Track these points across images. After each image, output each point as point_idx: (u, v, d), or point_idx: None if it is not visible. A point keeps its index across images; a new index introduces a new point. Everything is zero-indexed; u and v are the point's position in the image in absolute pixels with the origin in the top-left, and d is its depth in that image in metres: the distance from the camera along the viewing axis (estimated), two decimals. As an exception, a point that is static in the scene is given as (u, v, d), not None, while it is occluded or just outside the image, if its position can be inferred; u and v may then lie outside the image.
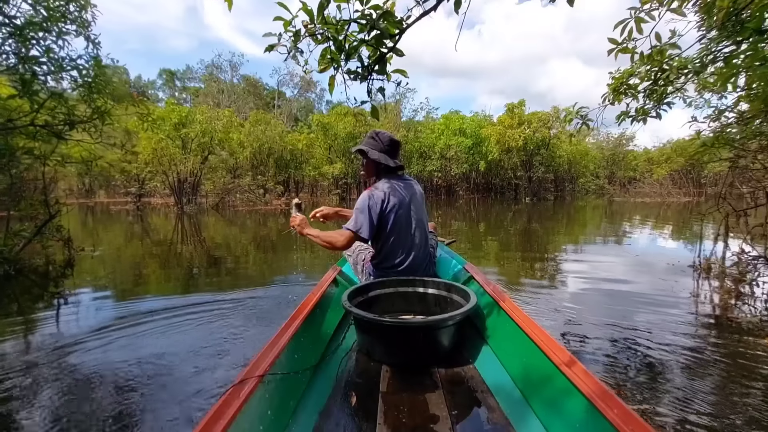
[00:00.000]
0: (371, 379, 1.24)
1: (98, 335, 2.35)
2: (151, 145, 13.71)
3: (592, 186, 28.09)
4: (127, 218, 12.76)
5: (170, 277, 4.13)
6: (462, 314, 1.29)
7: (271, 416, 0.93)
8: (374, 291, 1.63)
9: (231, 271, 4.39)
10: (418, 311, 1.65)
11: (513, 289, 3.29)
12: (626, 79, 2.81)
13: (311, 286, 1.84)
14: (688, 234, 7.14)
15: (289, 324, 1.22)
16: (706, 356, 1.98)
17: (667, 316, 2.55)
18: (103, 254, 5.61)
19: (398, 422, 1.01)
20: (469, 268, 1.94)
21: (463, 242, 6.15)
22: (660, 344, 2.10)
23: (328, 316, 1.58)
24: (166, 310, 2.78)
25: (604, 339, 2.20)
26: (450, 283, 1.63)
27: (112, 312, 2.89)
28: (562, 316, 2.59)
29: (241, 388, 0.87)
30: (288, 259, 5.03)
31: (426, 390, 1.17)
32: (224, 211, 14.39)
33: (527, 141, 17.64)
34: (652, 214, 11.44)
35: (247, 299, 3.05)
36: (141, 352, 2.09)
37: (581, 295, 3.16)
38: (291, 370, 1.09)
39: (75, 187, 28.48)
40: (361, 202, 1.71)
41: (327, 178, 22.76)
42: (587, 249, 5.56)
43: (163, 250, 5.98)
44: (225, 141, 15.57)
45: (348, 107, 22.80)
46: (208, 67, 39.06)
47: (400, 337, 1.29)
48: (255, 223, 10.42)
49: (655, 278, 3.67)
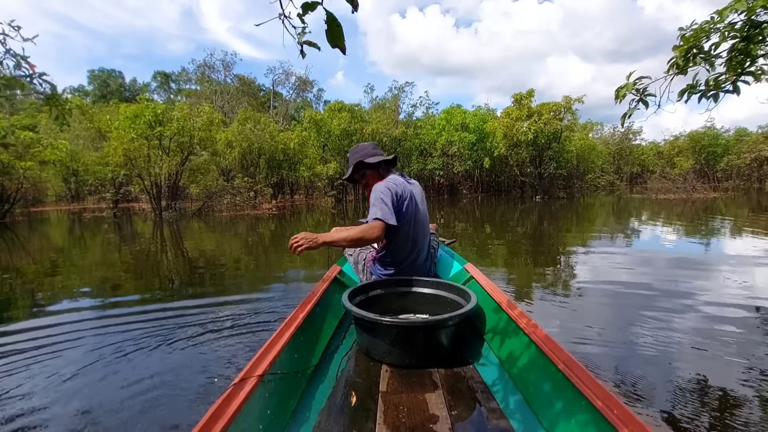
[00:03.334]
0: (371, 379, 1.23)
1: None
2: (123, 145, 12.40)
3: (601, 182, 26.74)
4: (96, 226, 11.52)
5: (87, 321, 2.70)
6: (462, 314, 1.29)
7: (271, 416, 0.93)
8: (374, 291, 1.63)
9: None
10: (419, 311, 1.64)
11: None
12: (699, 40, 2.09)
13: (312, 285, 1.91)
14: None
15: (289, 323, 1.23)
16: (709, 357, 1.93)
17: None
18: (11, 280, 4.30)
19: (398, 422, 1.00)
20: (469, 269, 1.90)
21: (473, 254, 4.81)
22: (662, 344, 2.07)
23: (328, 315, 1.56)
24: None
25: (607, 340, 2.16)
26: (450, 283, 1.61)
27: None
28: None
29: (241, 387, 0.87)
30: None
31: (426, 390, 1.16)
32: (207, 216, 13.13)
33: (538, 134, 16.11)
34: (692, 213, 10.02)
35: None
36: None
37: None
38: (291, 370, 1.10)
39: (64, 193, 27.54)
40: (381, 192, 1.64)
41: (322, 179, 21.39)
42: (645, 269, 4.19)
43: (101, 276, 4.63)
44: (207, 140, 14.20)
45: (342, 103, 21.47)
46: (200, 66, 37.78)
47: (400, 337, 1.28)
48: (240, 231, 9.13)
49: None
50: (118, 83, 47.77)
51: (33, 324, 2.77)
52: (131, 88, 47.51)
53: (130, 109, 13.05)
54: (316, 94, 41.83)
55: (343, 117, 20.25)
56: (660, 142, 34.15)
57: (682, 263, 4.16)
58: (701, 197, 14.84)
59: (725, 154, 27.44)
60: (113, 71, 48.91)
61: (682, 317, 2.49)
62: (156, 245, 7.29)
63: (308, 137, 20.58)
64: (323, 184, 22.77)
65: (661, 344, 2.08)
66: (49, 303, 3.38)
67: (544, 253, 5.09)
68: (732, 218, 8.27)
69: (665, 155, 31.23)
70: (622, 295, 3.05)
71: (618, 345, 2.12)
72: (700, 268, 3.96)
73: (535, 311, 2.74)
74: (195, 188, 15.70)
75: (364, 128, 20.45)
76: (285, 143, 19.68)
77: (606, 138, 31.29)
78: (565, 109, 16.19)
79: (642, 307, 2.68)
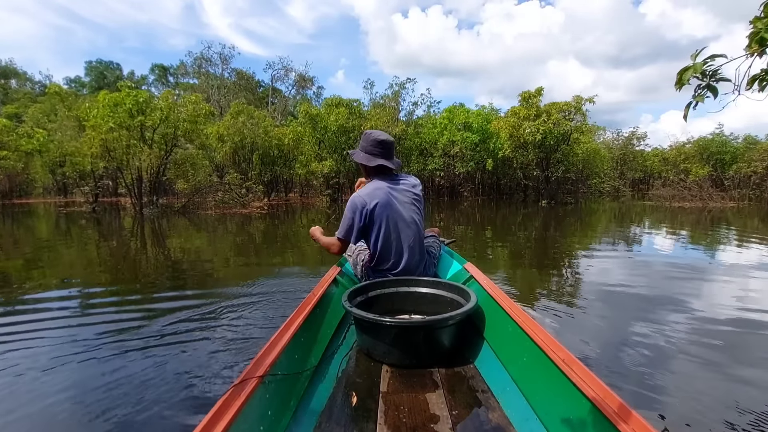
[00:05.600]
0: (371, 379, 1.23)
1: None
2: (100, 135, 11.45)
3: (606, 187, 25.93)
4: (67, 222, 10.61)
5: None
6: (462, 314, 1.29)
7: (272, 416, 0.93)
8: (374, 291, 1.63)
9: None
10: (419, 311, 1.64)
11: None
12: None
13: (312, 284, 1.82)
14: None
15: (289, 324, 1.22)
16: (712, 357, 1.99)
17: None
18: None
19: (398, 422, 1.00)
20: (469, 268, 1.88)
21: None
22: (664, 344, 2.13)
23: (329, 316, 1.55)
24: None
25: (609, 339, 2.25)
26: (450, 283, 1.62)
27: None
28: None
29: (241, 388, 0.87)
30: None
31: (426, 390, 1.16)
32: (192, 214, 12.23)
33: (546, 135, 15.11)
34: (716, 224, 9.14)
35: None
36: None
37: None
38: (291, 371, 1.09)
39: (52, 185, 26.54)
40: (347, 207, 1.75)
41: (317, 177, 20.43)
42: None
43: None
44: (192, 132, 13.24)
45: (340, 98, 20.53)
46: (197, 59, 36.76)
47: (401, 337, 1.28)
48: (219, 232, 8.23)
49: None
50: (115, 75, 46.88)
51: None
52: (129, 81, 46.68)
53: (109, 96, 12.11)
54: (316, 91, 40.82)
55: (340, 113, 19.27)
56: (665, 148, 33.48)
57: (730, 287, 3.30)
58: (718, 206, 13.96)
59: (734, 162, 26.64)
60: (111, 63, 48.14)
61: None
62: (119, 247, 6.37)
63: (303, 133, 19.59)
64: (319, 182, 21.82)
65: (664, 345, 2.12)
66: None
67: (561, 266, 4.21)
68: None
69: (671, 161, 30.54)
70: (645, 303, 2.95)
71: (619, 345, 2.15)
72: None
73: (544, 314, 2.69)
74: (182, 184, 14.77)
75: (363, 125, 19.50)
76: (279, 139, 18.71)
77: (608, 142, 30.61)
78: (575, 110, 15.24)
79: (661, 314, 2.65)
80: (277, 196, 21.55)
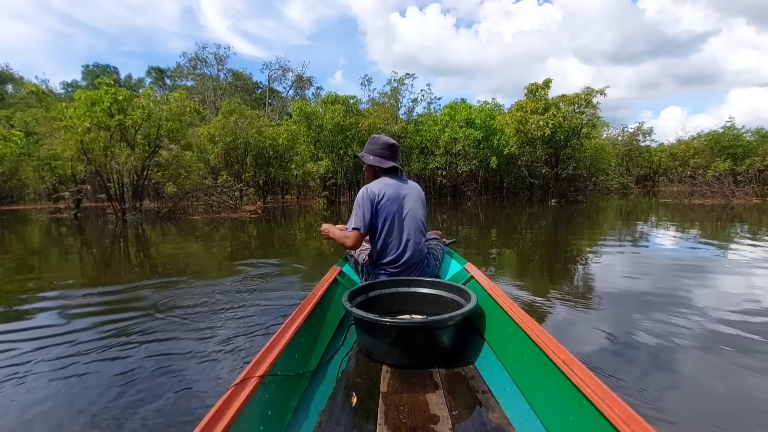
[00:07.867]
0: (372, 380, 1.23)
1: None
2: (76, 136, 10.62)
3: (614, 184, 24.97)
4: (44, 230, 9.81)
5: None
6: (462, 314, 1.29)
7: (272, 416, 0.93)
8: (374, 291, 1.63)
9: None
10: (419, 311, 1.64)
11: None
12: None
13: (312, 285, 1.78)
14: None
15: (289, 324, 1.22)
16: (714, 358, 1.94)
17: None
18: None
19: (399, 422, 1.00)
20: (469, 268, 1.89)
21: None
22: (666, 344, 2.08)
23: (329, 316, 1.56)
24: None
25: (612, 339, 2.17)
26: (450, 283, 1.62)
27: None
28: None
29: (241, 388, 0.87)
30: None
31: (426, 390, 1.16)
32: (178, 220, 11.41)
33: (556, 129, 14.13)
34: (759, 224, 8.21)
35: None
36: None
37: None
38: (291, 371, 1.09)
39: (43, 191, 25.84)
40: (357, 198, 1.79)
41: (314, 177, 19.55)
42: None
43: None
44: (177, 131, 12.40)
45: (336, 95, 19.66)
46: (192, 60, 36.02)
47: (401, 338, 1.27)
48: (203, 238, 7.38)
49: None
50: (112, 79, 46.33)
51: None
52: (126, 84, 46.05)
53: (86, 95, 11.29)
54: (315, 92, 39.97)
55: (336, 110, 18.37)
56: (672, 142, 32.50)
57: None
58: (741, 203, 12.98)
59: (746, 157, 25.61)
60: (108, 66, 47.51)
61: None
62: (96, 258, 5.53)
63: (298, 131, 18.70)
64: (316, 183, 20.95)
65: (667, 346, 2.08)
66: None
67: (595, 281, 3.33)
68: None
69: (679, 157, 29.57)
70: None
71: (619, 345, 2.12)
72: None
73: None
74: (171, 187, 13.93)
75: (360, 123, 18.61)
76: (273, 138, 17.85)
77: (613, 139, 29.71)
78: (585, 102, 14.26)
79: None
80: (273, 198, 20.70)
